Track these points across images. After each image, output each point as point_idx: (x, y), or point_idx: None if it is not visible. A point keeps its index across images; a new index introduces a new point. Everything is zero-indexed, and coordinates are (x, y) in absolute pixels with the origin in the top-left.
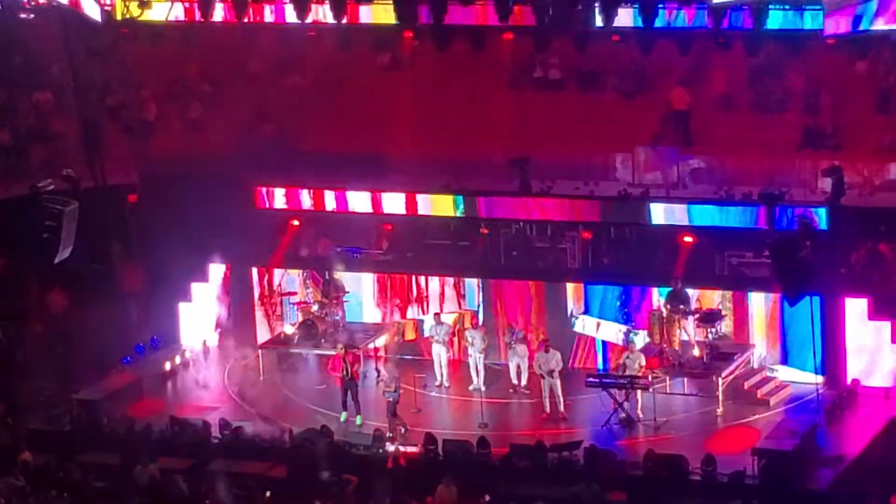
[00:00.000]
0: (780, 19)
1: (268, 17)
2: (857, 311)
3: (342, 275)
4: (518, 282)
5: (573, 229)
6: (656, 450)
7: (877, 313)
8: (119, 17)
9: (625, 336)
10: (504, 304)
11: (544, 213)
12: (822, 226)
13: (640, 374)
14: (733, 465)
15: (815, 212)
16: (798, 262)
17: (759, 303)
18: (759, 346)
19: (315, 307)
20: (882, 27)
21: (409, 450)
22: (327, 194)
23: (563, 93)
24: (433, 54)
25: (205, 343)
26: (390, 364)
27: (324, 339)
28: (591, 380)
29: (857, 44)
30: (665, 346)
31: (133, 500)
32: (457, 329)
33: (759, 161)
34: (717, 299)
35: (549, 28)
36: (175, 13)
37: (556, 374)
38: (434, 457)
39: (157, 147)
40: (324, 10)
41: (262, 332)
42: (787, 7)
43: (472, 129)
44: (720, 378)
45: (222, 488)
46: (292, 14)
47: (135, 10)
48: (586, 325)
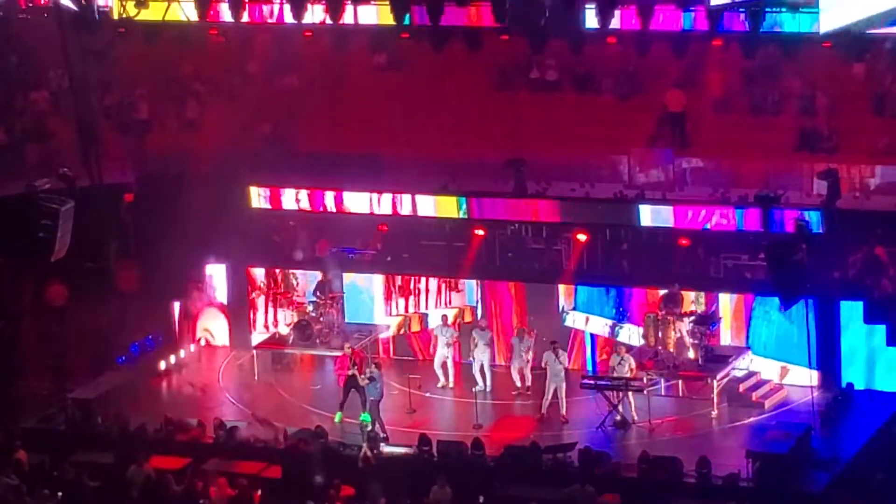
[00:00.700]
0: (776, 21)
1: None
2: (853, 314)
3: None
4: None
5: (568, 231)
6: (651, 452)
7: (873, 316)
8: (116, 17)
9: (611, 329)
10: (498, 305)
11: (535, 214)
12: (816, 228)
13: (634, 377)
14: (728, 468)
15: (808, 214)
16: (793, 265)
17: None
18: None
19: (310, 307)
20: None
21: (391, 450)
22: (323, 194)
23: (558, 94)
24: (429, 55)
25: (199, 343)
26: (372, 364)
27: (319, 340)
28: (585, 381)
29: (854, 46)
30: (660, 348)
31: (128, 499)
32: (458, 323)
33: (754, 163)
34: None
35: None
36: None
37: (563, 375)
38: (428, 458)
39: (153, 146)
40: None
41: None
42: (783, 9)
43: (468, 130)
44: (715, 380)
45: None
46: (289, 14)
47: (131, 9)
48: (576, 319)
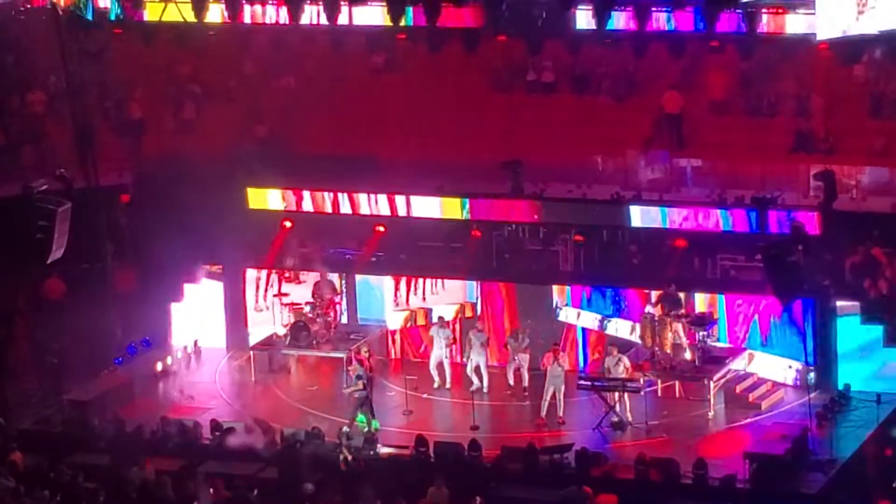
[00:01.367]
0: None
1: (262, 18)
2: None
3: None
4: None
5: (565, 232)
6: (647, 453)
7: (869, 317)
8: (112, 18)
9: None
10: (493, 306)
11: (533, 215)
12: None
13: (631, 377)
14: (724, 469)
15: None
16: (789, 267)
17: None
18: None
19: (307, 309)
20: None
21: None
22: (319, 195)
23: (555, 96)
24: (426, 56)
25: (195, 344)
26: (355, 363)
27: (315, 341)
28: (582, 382)
29: (851, 48)
30: (656, 349)
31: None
32: (460, 318)
33: (751, 165)
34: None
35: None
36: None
37: (563, 377)
38: (425, 459)
39: (149, 147)
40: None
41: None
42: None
43: (465, 131)
44: (712, 381)
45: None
46: (285, 15)
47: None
48: (569, 315)
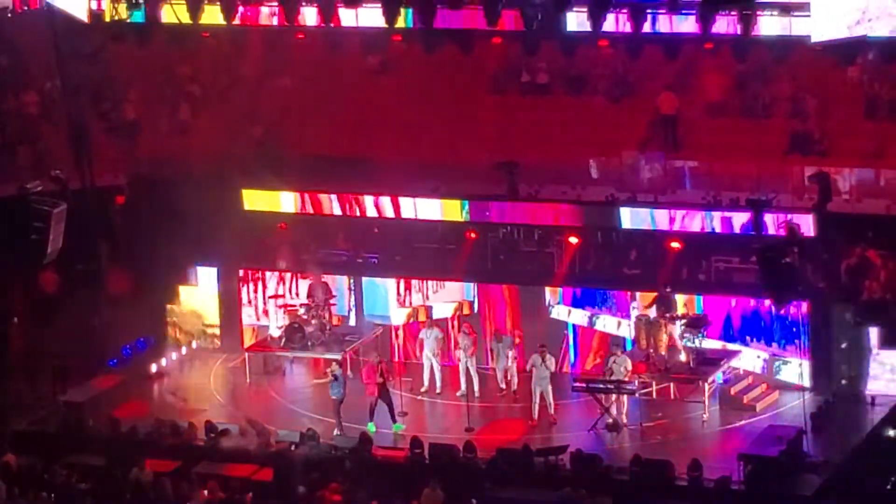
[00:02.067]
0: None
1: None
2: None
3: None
4: (496, 287)
5: (560, 234)
6: (642, 455)
7: (864, 319)
8: (108, 19)
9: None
10: (491, 307)
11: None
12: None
13: (627, 379)
14: (719, 471)
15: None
16: (785, 268)
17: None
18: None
19: (301, 311)
20: None
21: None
22: (314, 197)
23: (550, 97)
24: (421, 58)
25: (191, 346)
26: (334, 364)
27: (310, 343)
28: (577, 384)
29: (845, 50)
30: (651, 351)
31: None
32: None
33: (746, 166)
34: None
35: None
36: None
37: (549, 378)
38: (420, 460)
39: (144, 149)
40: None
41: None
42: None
43: (460, 132)
44: (706, 383)
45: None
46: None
47: (123, 11)
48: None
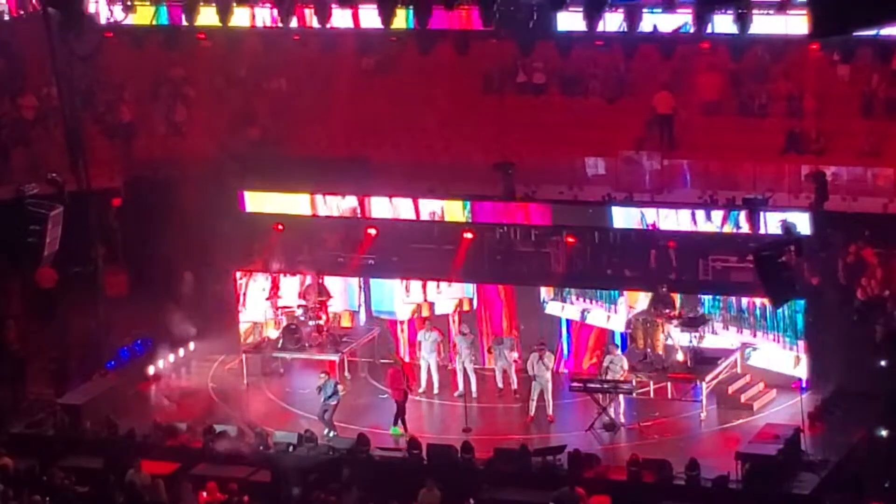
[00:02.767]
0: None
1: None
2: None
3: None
4: (492, 286)
5: (557, 234)
6: (640, 454)
7: (860, 318)
8: (103, 21)
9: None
10: (487, 307)
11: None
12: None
13: (624, 379)
14: (717, 470)
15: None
16: (781, 267)
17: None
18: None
19: (299, 312)
20: None
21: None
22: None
23: (546, 97)
24: (417, 58)
25: (187, 347)
26: (322, 376)
27: (307, 344)
28: (574, 384)
29: (841, 48)
30: (649, 350)
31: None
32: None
33: (742, 165)
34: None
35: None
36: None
37: (549, 376)
38: (418, 461)
39: (141, 151)
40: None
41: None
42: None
43: (456, 133)
44: (704, 382)
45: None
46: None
47: (119, 13)
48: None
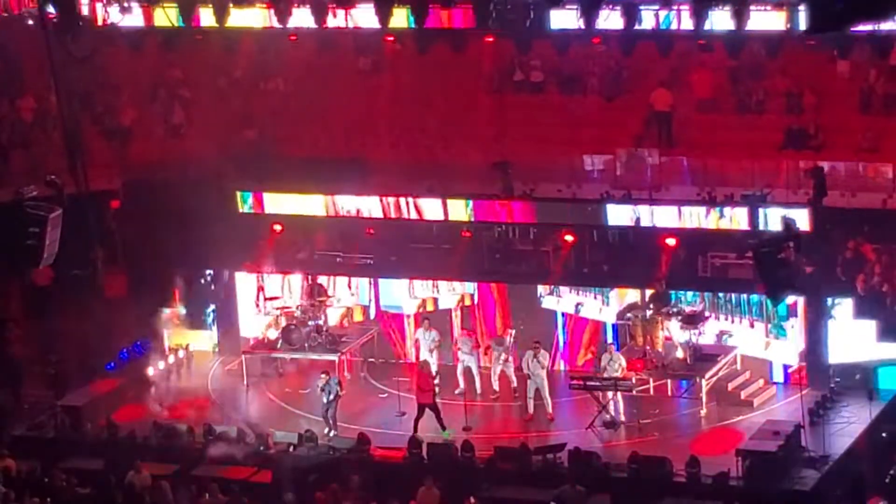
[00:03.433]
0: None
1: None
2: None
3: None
4: (485, 286)
5: (556, 232)
6: (640, 452)
7: (861, 313)
8: (100, 23)
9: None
10: (481, 306)
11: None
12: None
13: (623, 377)
14: (717, 467)
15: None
16: (781, 264)
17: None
18: None
19: (298, 312)
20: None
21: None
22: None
23: (544, 95)
24: (414, 58)
25: (187, 348)
26: (322, 376)
27: (307, 344)
28: (574, 382)
29: (839, 44)
30: (648, 348)
31: None
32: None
33: (741, 162)
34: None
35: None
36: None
37: (544, 374)
38: (418, 460)
39: (139, 153)
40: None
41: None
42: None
43: (454, 132)
44: (704, 379)
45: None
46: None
47: (116, 15)
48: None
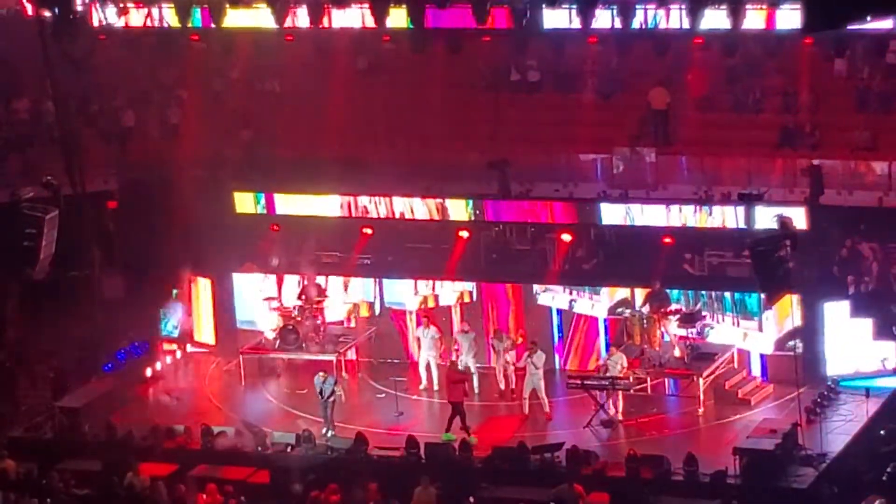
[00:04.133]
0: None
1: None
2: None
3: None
4: (499, 285)
5: (552, 231)
6: (638, 450)
7: (857, 312)
8: (96, 24)
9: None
10: (494, 306)
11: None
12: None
13: (622, 376)
14: (715, 465)
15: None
16: (777, 262)
17: None
18: None
19: (295, 312)
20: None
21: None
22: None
23: (540, 95)
24: (410, 58)
25: (185, 350)
26: (320, 374)
27: (304, 344)
28: (572, 381)
29: (835, 42)
30: (646, 347)
31: None
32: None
33: (737, 161)
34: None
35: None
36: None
37: (541, 374)
38: (416, 460)
39: (135, 153)
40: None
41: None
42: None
43: (451, 132)
44: (701, 378)
45: None
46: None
47: (112, 16)
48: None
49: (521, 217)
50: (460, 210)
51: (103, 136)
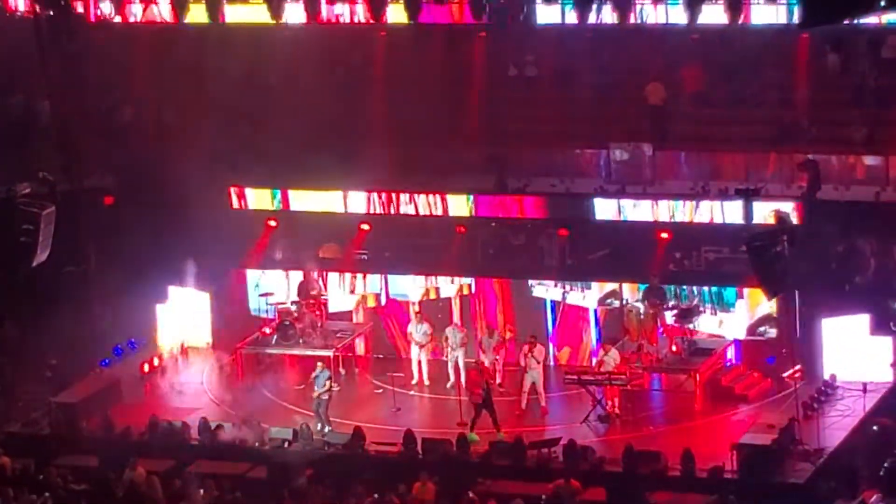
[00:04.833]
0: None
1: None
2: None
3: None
4: (487, 280)
5: (549, 227)
6: (635, 446)
7: (854, 307)
8: (93, 20)
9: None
10: (482, 302)
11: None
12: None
13: (619, 371)
14: (712, 460)
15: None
16: (774, 258)
17: None
18: None
19: (292, 308)
20: None
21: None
22: (302, 194)
23: (537, 90)
24: (407, 53)
25: (182, 345)
26: (319, 364)
27: (302, 340)
28: (569, 377)
29: (831, 38)
30: (643, 342)
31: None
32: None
33: (734, 156)
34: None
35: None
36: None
37: (540, 369)
38: (414, 455)
39: (132, 149)
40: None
41: None
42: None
43: (448, 127)
44: (698, 374)
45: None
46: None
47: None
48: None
49: (513, 213)
50: (462, 205)
51: (100, 131)
